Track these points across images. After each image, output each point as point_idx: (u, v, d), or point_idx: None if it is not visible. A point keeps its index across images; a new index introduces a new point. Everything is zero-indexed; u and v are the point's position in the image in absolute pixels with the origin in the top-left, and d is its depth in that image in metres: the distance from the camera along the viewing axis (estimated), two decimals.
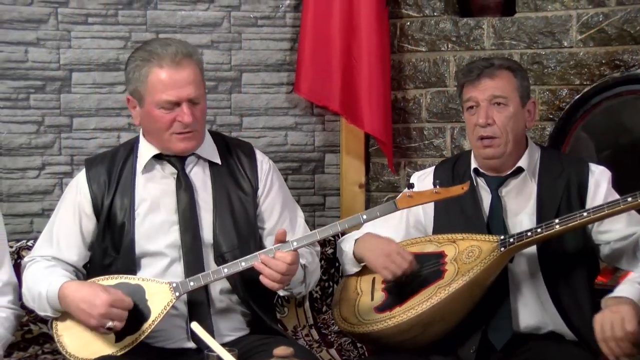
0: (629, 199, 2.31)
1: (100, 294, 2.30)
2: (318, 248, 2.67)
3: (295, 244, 2.37)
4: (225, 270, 2.37)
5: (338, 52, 3.43)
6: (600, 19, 3.24)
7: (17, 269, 2.59)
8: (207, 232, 2.51)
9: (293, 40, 3.53)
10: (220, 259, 2.47)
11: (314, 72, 3.44)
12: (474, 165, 2.65)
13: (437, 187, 2.38)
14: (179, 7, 3.42)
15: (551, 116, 3.34)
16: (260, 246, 2.52)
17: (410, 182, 2.65)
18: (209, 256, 2.50)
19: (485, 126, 2.53)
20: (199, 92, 2.48)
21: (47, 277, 2.44)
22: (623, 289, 2.30)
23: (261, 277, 2.35)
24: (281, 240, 2.37)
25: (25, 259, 2.58)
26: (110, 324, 2.28)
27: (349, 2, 3.41)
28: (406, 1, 3.54)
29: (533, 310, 2.52)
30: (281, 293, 2.53)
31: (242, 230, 2.54)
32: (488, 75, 2.55)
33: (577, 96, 3.26)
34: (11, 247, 2.88)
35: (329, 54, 3.43)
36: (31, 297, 2.46)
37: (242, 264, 2.37)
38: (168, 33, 3.38)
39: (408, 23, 3.55)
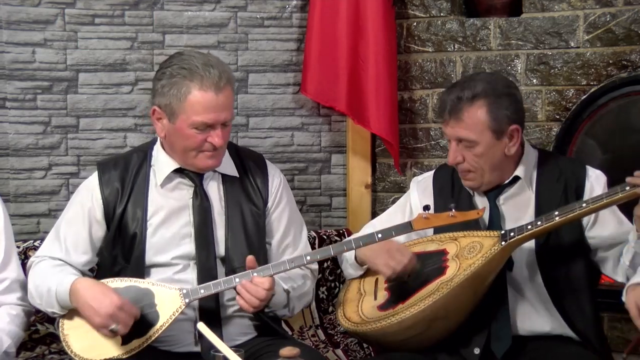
0: (627, 188, 2.30)
1: (111, 294, 2.31)
2: (315, 266, 2.68)
3: (308, 257, 2.41)
4: (237, 279, 2.38)
5: (345, 52, 3.43)
6: (608, 19, 3.23)
7: (24, 269, 2.59)
8: (219, 246, 2.51)
9: (299, 41, 3.53)
10: (232, 273, 2.45)
11: (321, 73, 3.44)
12: None
13: (453, 210, 2.39)
14: (186, 7, 3.42)
15: (558, 117, 3.33)
16: (267, 259, 2.55)
17: (418, 197, 2.69)
18: (220, 269, 2.50)
19: (455, 164, 2.54)
20: (232, 115, 2.48)
21: (57, 275, 2.44)
22: None
23: (238, 299, 2.37)
24: (251, 267, 2.38)
25: (32, 258, 2.57)
26: (114, 326, 2.28)
27: (356, 3, 3.40)
28: (413, 2, 3.54)
29: (535, 314, 2.52)
30: (266, 311, 2.53)
31: (254, 244, 2.54)
32: (455, 117, 2.48)
33: (584, 97, 3.25)
34: (18, 247, 2.88)
35: (336, 54, 3.43)
36: (38, 293, 2.45)
37: (253, 274, 2.38)
38: (175, 34, 3.39)
39: (415, 23, 3.55)
